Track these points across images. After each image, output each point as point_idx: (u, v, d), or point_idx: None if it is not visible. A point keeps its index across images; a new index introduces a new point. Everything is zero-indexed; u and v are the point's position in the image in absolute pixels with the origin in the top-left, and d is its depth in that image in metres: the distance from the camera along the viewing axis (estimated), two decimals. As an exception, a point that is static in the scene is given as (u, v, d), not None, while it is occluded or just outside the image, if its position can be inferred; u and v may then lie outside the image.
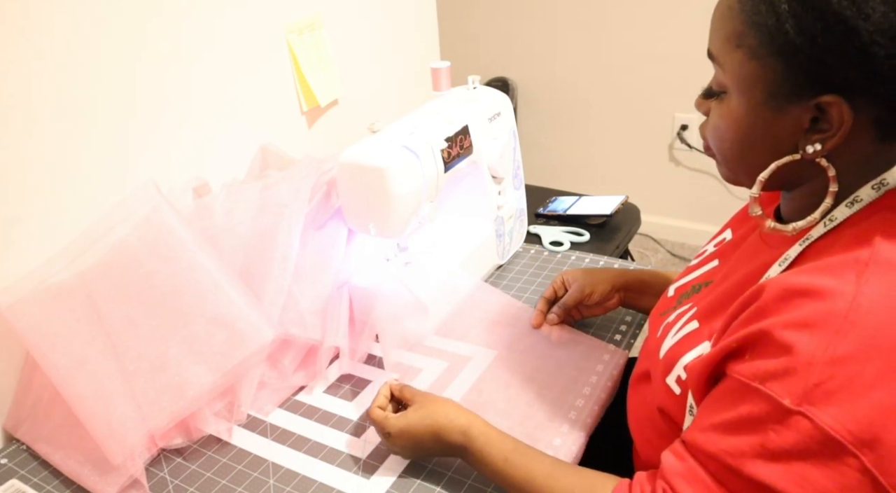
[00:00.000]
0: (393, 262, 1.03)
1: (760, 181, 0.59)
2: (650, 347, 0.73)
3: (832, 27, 0.50)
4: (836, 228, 0.57)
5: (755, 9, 0.54)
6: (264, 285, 0.89)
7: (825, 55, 0.51)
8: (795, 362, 0.50)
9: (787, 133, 0.56)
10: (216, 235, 0.93)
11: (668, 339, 0.68)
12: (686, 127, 2.30)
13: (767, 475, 0.50)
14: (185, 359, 0.82)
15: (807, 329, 0.50)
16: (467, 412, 0.73)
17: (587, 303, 0.96)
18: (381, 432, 0.76)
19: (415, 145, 0.91)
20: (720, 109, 0.60)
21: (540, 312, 0.99)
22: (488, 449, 0.70)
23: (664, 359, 0.67)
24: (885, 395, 0.48)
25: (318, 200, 0.98)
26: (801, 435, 0.49)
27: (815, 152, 0.55)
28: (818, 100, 0.53)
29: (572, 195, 1.47)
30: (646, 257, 2.41)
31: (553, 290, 1.00)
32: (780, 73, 0.54)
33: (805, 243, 0.58)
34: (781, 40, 0.52)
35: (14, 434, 0.86)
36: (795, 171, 0.58)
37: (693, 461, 0.56)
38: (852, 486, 0.48)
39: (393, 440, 0.75)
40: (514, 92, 2.53)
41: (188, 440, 0.83)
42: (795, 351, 0.50)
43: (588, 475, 0.66)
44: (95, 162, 0.93)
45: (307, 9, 1.22)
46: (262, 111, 1.18)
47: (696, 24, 2.20)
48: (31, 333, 0.82)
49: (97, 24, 0.90)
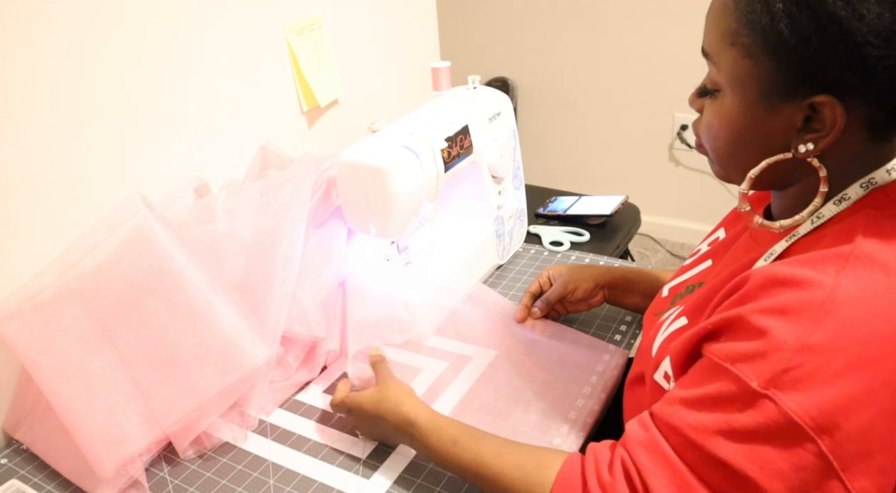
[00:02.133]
0: (393, 262, 1.03)
1: (750, 178, 0.59)
2: (644, 347, 0.74)
3: (826, 27, 0.50)
4: (822, 226, 0.58)
5: (750, 7, 0.54)
6: (268, 292, 0.89)
7: (819, 55, 0.51)
8: (767, 346, 0.51)
9: (780, 132, 0.57)
10: (217, 240, 0.93)
11: (658, 337, 0.69)
12: (686, 127, 2.30)
13: (727, 453, 0.51)
14: (170, 380, 0.81)
15: (782, 315, 0.51)
16: (418, 403, 0.75)
17: (570, 299, 0.97)
18: (342, 409, 0.81)
19: (415, 145, 0.91)
20: (713, 106, 0.60)
21: (525, 306, 1.00)
22: (437, 434, 0.70)
23: (655, 357, 0.67)
24: (850, 384, 0.49)
25: (318, 199, 0.98)
26: (764, 418, 0.50)
27: (807, 151, 0.56)
28: (811, 100, 0.53)
29: (572, 195, 1.47)
30: (646, 256, 2.41)
31: (539, 285, 1.01)
32: (774, 72, 0.54)
33: (792, 240, 0.59)
34: (775, 39, 0.53)
35: (13, 435, 0.86)
36: (786, 170, 0.59)
37: (656, 431, 0.57)
38: (806, 468, 0.50)
39: (350, 417, 0.80)
40: (514, 92, 2.53)
41: (201, 450, 0.83)
42: (768, 336, 0.51)
43: (537, 450, 0.67)
44: (93, 164, 0.93)
45: (307, 9, 1.22)
46: (261, 111, 1.18)
47: (695, 24, 2.20)
48: (22, 348, 0.82)
49: (97, 24, 0.90)
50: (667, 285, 0.81)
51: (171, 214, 0.96)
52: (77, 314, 0.84)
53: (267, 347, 0.84)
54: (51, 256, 0.88)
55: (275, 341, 0.87)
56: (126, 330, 0.84)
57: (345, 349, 0.93)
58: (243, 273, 0.91)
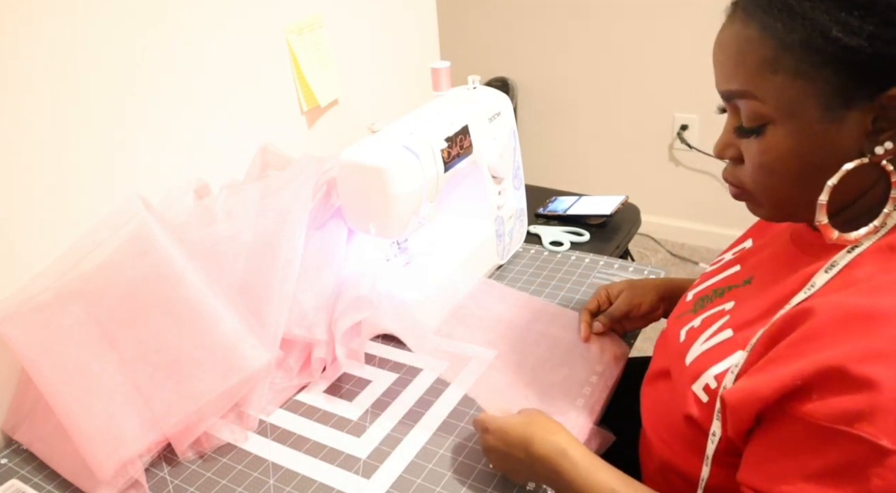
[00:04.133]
0: (393, 262, 1.03)
1: (829, 186, 0.55)
2: (671, 350, 0.72)
3: (891, 19, 0.50)
4: (886, 234, 0.55)
5: (787, 29, 0.53)
6: (268, 294, 0.89)
7: (889, 47, 0.51)
8: (881, 397, 0.47)
9: (850, 142, 0.54)
10: (217, 242, 0.93)
11: (695, 346, 0.66)
12: (686, 127, 2.30)
13: None
14: (170, 382, 0.81)
15: (883, 360, 0.48)
16: (571, 435, 0.69)
17: (634, 314, 0.94)
18: (480, 427, 0.74)
19: (415, 145, 0.91)
20: (762, 144, 0.57)
21: (586, 323, 0.95)
22: (593, 476, 0.64)
23: (692, 366, 0.65)
24: None
25: (318, 200, 0.98)
26: None
27: (885, 152, 0.54)
28: (882, 96, 0.52)
29: (572, 195, 1.46)
30: (646, 257, 2.41)
31: (597, 302, 0.97)
32: (834, 81, 0.53)
33: (855, 251, 0.56)
34: (832, 48, 0.51)
35: (13, 436, 0.86)
36: (859, 178, 0.56)
37: None
38: None
39: (486, 437, 0.73)
40: (514, 92, 2.53)
41: (201, 451, 0.82)
42: (878, 386, 0.47)
43: None
44: (94, 165, 0.93)
45: (307, 9, 1.22)
46: (261, 111, 1.18)
47: (695, 24, 2.20)
48: (22, 348, 0.82)
49: (97, 25, 0.90)
50: (690, 291, 0.78)
51: (171, 214, 0.96)
52: (77, 315, 0.84)
53: (266, 350, 0.84)
54: (51, 256, 0.88)
55: (275, 344, 0.87)
56: (126, 332, 0.84)
57: (341, 352, 0.93)
58: (244, 276, 0.91)
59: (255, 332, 0.85)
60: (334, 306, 0.93)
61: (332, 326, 0.92)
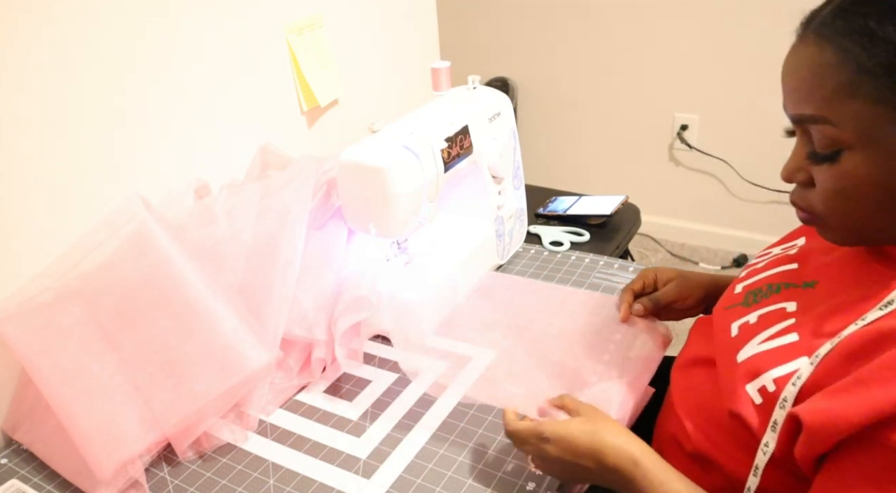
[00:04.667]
0: (393, 262, 1.03)
1: None
2: (719, 342, 0.69)
3: None
4: None
5: (867, 54, 0.52)
6: (268, 294, 0.89)
7: None
8: None
9: None
10: (217, 243, 0.93)
11: (751, 344, 0.64)
12: (686, 127, 2.30)
13: None
14: (169, 382, 0.81)
15: None
16: (638, 439, 0.66)
17: (679, 306, 0.92)
18: (534, 435, 0.68)
19: (415, 145, 0.91)
20: (838, 169, 0.55)
21: (627, 304, 0.93)
22: (665, 488, 0.62)
23: (747, 364, 0.63)
24: None
25: (318, 200, 0.98)
26: None
27: None
28: None
29: (572, 195, 1.47)
30: (646, 257, 2.41)
31: (643, 284, 0.95)
32: None
33: None
34: None
35: (12, 436, 0.86)
36: None
37: None
38: None
39: (546, 448, 0.67)
40: (514, 92, 2.53)
41: (201, 451, 0.82)
42: None
43: None
44: (93, 165, 0.93)
45: (307, 9, 1.22)
46: (261, 111, 1.18)
47: (696, 23, 2.20)
48: (22, 349, 0.82)
49: (96, 24, 0.90)
50: (738, 283, 0.76)
51: (171, 215, 0.96)
52: (77, 316, 0.84)
53: (266, 350, 0.84)
54: (51, 256, 0.88)
55: (274, 345, 0.87)
56: (126, 332, 0.84)
57: (341, 353, 0.93)
58: (244, 276, 0.91)
59: (255, 332, 0.85)
60: (334, 306, 0.94)
61: (331, 326, 0.92)
